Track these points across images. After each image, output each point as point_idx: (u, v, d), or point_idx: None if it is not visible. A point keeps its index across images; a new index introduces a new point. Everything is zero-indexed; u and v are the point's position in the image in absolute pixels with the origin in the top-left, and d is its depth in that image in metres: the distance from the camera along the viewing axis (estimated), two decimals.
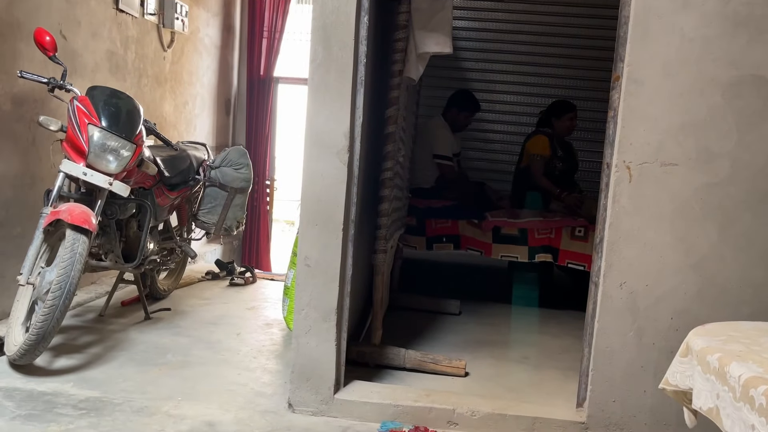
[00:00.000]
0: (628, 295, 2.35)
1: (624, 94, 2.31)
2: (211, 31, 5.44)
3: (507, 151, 5.33)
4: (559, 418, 2.43)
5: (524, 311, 4.10)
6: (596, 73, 5.05)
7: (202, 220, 3.81)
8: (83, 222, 2.63)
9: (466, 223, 4.05)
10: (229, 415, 2.45)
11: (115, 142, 2.83)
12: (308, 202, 2.49)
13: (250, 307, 3.99)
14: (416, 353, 2.95)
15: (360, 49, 2.43)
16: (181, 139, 4.56)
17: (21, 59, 3.20)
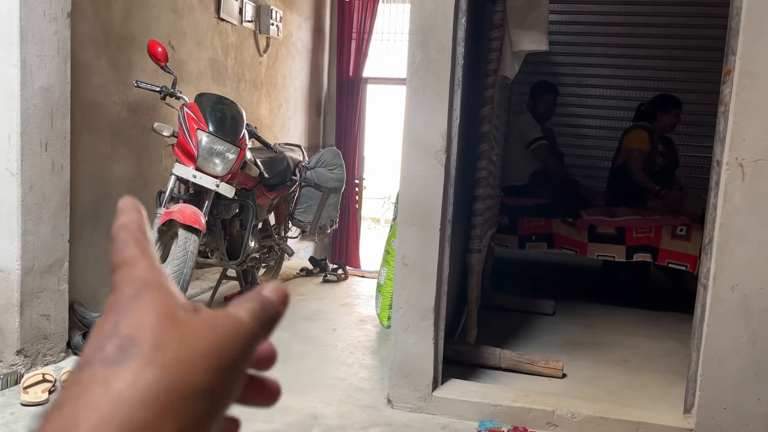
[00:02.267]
0: (740, 299, 2.25)
1: (736, 88, 2.21)
2: (303, 34, 5.60)
3: (599, 146, 5.19)
4: (665, 424, 2.36)
5: (621, 312, 3.98)
6: (696, 65, 4.84)
7: (298, 219, 3.95)
8: (194, 222, 2.80)
9: (560, 222, 3.98)
10: (330, 408, 2.53)
11: (221, 146, 2.99)
12: (406, 202, 2.54)
13: (343, 303, 4.10)
14: (512, 353, 2.94)
15: (457, 50, 2.45)
16: (276, 140, 4.73)
17: (135, 69, 3.43)
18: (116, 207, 0.35)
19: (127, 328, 0.29)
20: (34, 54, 2.59)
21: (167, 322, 0.29)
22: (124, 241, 0.32)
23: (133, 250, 0.32)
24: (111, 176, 3.36)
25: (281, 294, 0.33)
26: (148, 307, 0.29)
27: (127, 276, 0.31)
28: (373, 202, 9.07)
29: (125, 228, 0.33)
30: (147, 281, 0.31)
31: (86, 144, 3.15)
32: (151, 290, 0.30)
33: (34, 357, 2.72)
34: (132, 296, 0.30)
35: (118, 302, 0.30)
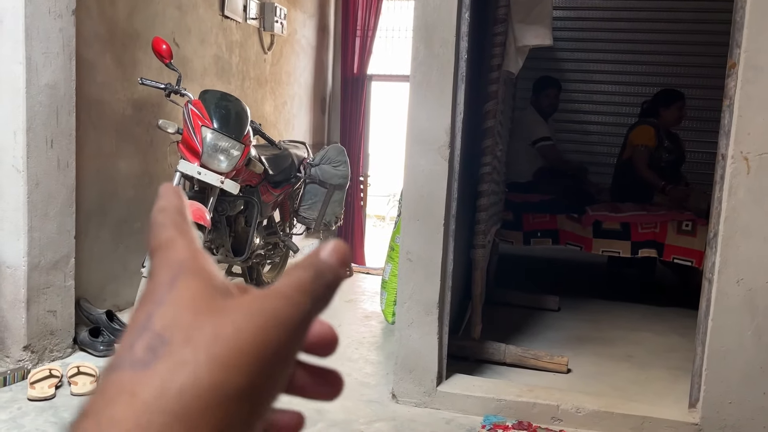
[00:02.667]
0: (746, 293, 2.24)
1: (741, 81, 2.20)
2: (307, 32, 5.61)
3: (604, 143, 5.17)
4: (670, 419, 2.36)
5: (626, 308, 3.98)
6: (701, 59, 4.81)
7: (303, 216, 3.95)
8: (199, 218, 2.81)
9: (565, 218, 3.97)
10: (335, 403, 2.54)
11: (225, 142, 2.99)
12: (410, 197, 2.54)
13: (348, 299, 4.10)
14: (517, 348, 2.94)
15: (461, 45, 2.45)
16: (280, 137, 4.74)
17: (140, 66, 3.44)
18: (124, 202, 0.35)
19: (159, 322, 0.26)
20: (40, 51, 2.60)
21: (203, 313, 0.26)
22: (162, 224, 0.30)
23: (171, 232, 0.30)
24: (116, 173, 3.38)
25: (341, 254, 0.29)
26: (183, 296, 0.27)
27: (164, 259, 0.29)
28: (378, 200, 9.07)
29: (164, 211, 0.31)
30: (184, 264, 0.28)
31: (91, 141, 3.16)
32: (187, 275, 0.28)
33: (41, 353, 2.74)
34: (167, 283, 0.27)
35: (154, 290, 0.28)
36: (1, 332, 2.69)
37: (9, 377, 2.58)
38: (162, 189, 0.33)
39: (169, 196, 0.32)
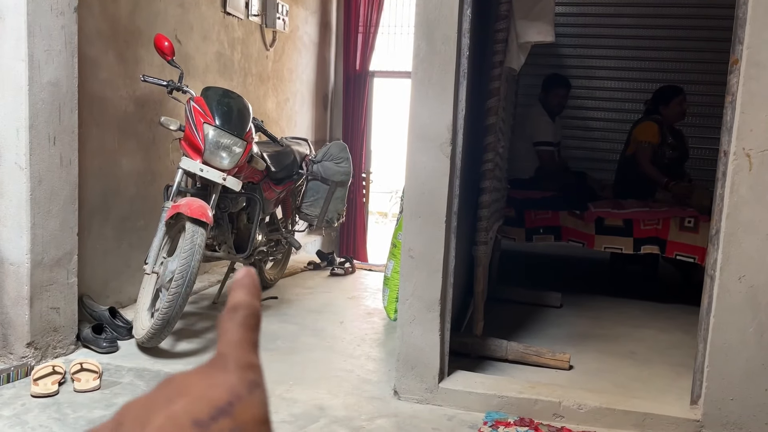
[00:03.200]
0: (747, 290, 2.24)
1: (743, 78, 2.20)
2: (309, 28, 5.61)
3: (607, 139, 5.16)
4: (672, 415, 2.36)
5: (628, 304, 3.98)
6: (704, 56, 4.80)
7: (305, 213, 3.96)
8: (201, 215, 2.81)
9: (567, 214, 3.97)
10: (337, 400, 2.55)
11: (227, 139, 3.00)
12: (411, 194, 2.54)
13: (350, 296, 4.11)
14: (519, 345, 2.95)
15: (463, 42, 2.45)
16: (283, 134, 4.74)
17: (142, 64, 3.45)
18: (126, 199, 0.34)
19: None
20: (42, 49, 2.61)
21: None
22: (225, 331, 0.30)
23: (229, 349, 0.29)
24: (119, 170, 3.39)
25: (249, 285, 0.32)
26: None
27: (201, 385, 0.28)
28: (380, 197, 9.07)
29: (235, 312, 0.31)
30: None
31: (94, 138, 3.17)
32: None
33: (44, 349, 2.75)
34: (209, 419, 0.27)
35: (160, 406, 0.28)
36: (5, 329, 2.70)
37: (12, 374, 2.60)
38: (238, 278, 0.32)
39: (245, 294, 0.31)
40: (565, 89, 4.34)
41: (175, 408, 0.27)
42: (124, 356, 2.86)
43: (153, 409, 0.27)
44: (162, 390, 0.28)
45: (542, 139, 4.26)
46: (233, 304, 0.31)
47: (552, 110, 4.32)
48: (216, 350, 0.30)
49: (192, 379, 0.28)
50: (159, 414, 0.27)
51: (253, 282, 0.32)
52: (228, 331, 0.30)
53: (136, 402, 0.28)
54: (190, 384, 0.28)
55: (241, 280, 0.32)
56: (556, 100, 4.31)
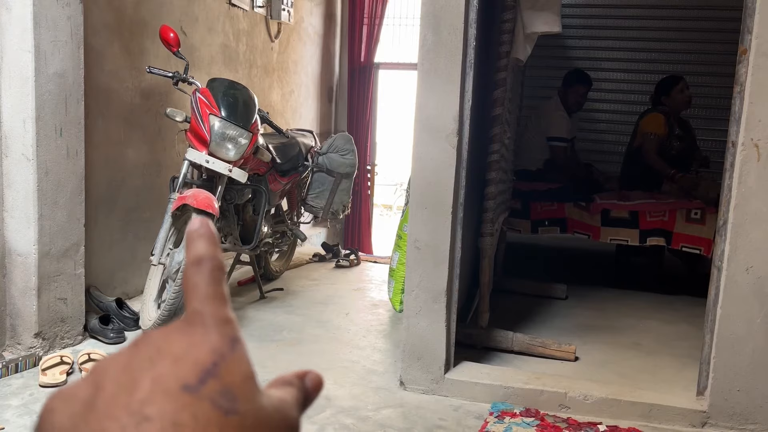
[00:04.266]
0: (755, 281, 2.24)
1: (752, 68, 2.18)
2: (314, 20, 5.59)
3: (613, 131, 5.14)
4: (678, 406, 2.36)
5: (634, 296, 3.97)
6: (712, 46, 4.77)
7: (310, 205, 3.96)
8: (207, 206, 2.81)
9: (572, 206, 3.96)
10: (343, 390, 2.56)
11: (233, 131, 3.00)
12: (418, 185, 2.54)
13: (356, 288, 4.12)
14: (524, 336, 2.95)
15: (469, 32, 2.44)
16: (288, 126, 4.74)
17: (147, 55, 3.44)
18: (133, 191, 0.33)
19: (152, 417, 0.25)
20: (48, 40, 2.61)
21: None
22: (194, 286, 0.29)
23: (200, 305, 0.29)
24: (125, 161, 3.39)
25: (320, 385, 0.32)
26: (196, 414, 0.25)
27: (180, 342, 0.27)
28: (385, 189, 9.06)
29: (199, 266, 0.30)
30: (212, 365, 0.27)
31: (100, 130, 3.17)
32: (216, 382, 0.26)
33: (52, 340, 2.77)
34: (194, 384, 0.26)
35: (138, 372, 0.26)
36: (13, 319, 2.72)
37: (21, 364, 2.61)
38: (194, 229, 0.31)
39: (205, 244, 0.30)
40: (585, 87, 4.24)
41: (160, 370, 0.26)
42: None
43: (136, 371, 0.26)
44: (140, 349, 0.27)
45: (556, 135, 4.20)
46: (196, 257, 0.30)
47: (569, 107, 4.25)
48: (187, 307, 0.29)
49: (171, 337, 0.27)
50: (144, 378, 0.26)
51: (209, 231, 0.31)
52: (197, 285, 0.29)
53: (113, 361, 0.27)
54: (170, 343, 0.27)
55: (198, 230, 0.30)
56: (575, 97, 4.22)
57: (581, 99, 4.26)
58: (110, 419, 0.25)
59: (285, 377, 0.31)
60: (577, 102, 4.25)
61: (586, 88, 4.25)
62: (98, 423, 0.25)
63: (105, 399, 0.26)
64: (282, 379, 0.31)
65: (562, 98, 4.22)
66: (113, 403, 0.25)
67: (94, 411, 0.26)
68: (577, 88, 4.21)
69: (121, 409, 0.25)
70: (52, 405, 0.27)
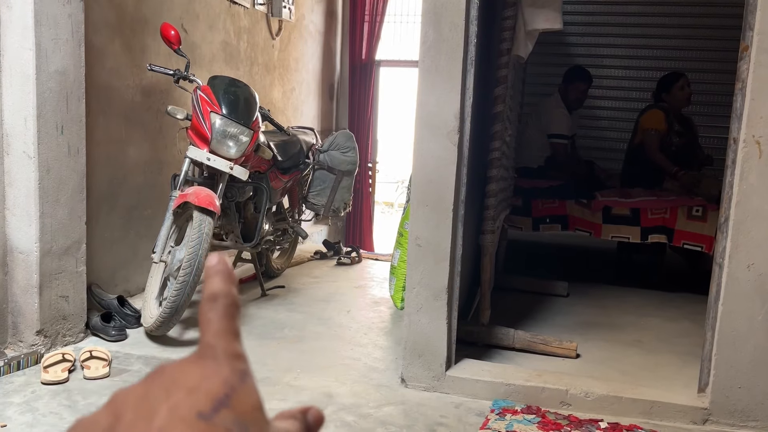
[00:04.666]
0: (756, 277, 2.23)
1: (754, 64, 2.18)
2: (315, 17, 5.58)
3: (614, 128, 5.14)
4: (679, 403, 2.36)
5: (635, 294, 3.97)
6: (713, 43, 4.76)
7: (311, 202, 3.96)
8: (209, 204, 2.82)
9: (574, 203, 3.95)
10: (345, 387, 2.56)
11: (234, 128, 2.99)
12: (419, 182, 2.54)
13: (357, 285, 4.12)
14: (525, 334, 2.95)
15: (470, 29, 2.43)
16: (289, 124, 4.73)
17: (148, 53, 3.44)
18: (134, 188, 0.34)
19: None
20: (49, 38, 2.61)
21: None
22: (208, 321, 0.31)
23: (214, 339, 0.30)
24: (126, 159, 3.39)
25: (321, 421, 0.34)
26: None
27: (188, 373, 0.29)
28: (386, 187, 9.06)
29: (214, 302, 0.31)
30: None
31: (101, 127, 3.17)
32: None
33: (54, 337, 2.77)
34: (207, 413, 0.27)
35: (150, 400, 0.28)
36: (15, 317, 2.72)
37: (23, 361, 2.62)
38: (211, 265, 0.32)
39: (221, 281, 0.32)
40: (585, 84, 4.22)
41: (176, 400, 0.27)
42: (132, 344, 2.88)
43: (152, 401, 0.28)
44: (156, 381, 0.29)
45: (557, 132, 4.19)
46: (211, 293, 0.31)
47: (570, 104, 4.23)
48: (201, 341, 0.30)
49: (185, 369, 0.29)
50: (161, 407, 0.27)
51: (226, 268, 0.32)
52: (211, 321, 0.31)
53: (130, 392, 0.29)
54: (185, 375, 0.29)
55: (214, 267, 0.32)
56: (575, 94, 4.20)
57: (582, 96, 4.25)
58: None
59: (289, 411, 0.33)
60: (577, 99, 4.23)
61: (586, 85, 4.24)
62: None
63: (124, 426, 0.27)
64: (286, 413, 0.33)
65: (563, 95, 4.21)
66: (132, 430, 0.27)
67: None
68: (577, 85, 4.19)
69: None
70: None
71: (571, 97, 4.20)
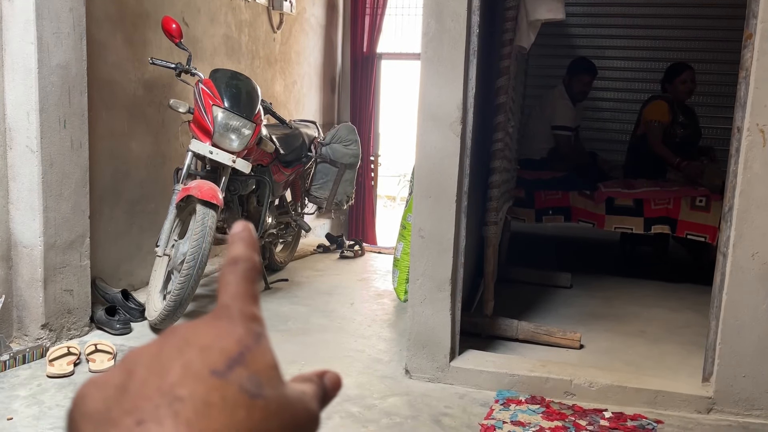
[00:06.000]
0: (760, 266, 2.23)
1: (758, 52, 2.17)
2: (316, 10, 5.57)
3: (617, 119, 5.12)
4: (684, 393, 2.36)
5: (639, 284, 3.97)
6: (717, 32, 4.74)
7: (314, 195, 3.96)
8: (212, 197, 2.82)
9: (577, 195, 3.95)
10: (349, 379, 2.56)
11: (236, 121, 2.99)
12: (422, 174, 2.54)
13: (360, 278, 4.12)
14: (529, 324, 2.95)
15: (472, 19, 2.43)
16: (291, 117, 4.73)
17: (150, 47, 3.44)
18: (137, 182, 0.34)
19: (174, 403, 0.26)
20: (50, 31, 2.61)
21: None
22: (227, 284, 0.31)
23: (231, 301, 0.30)
24: (129, 153, 3.40)
25: (338, 384, 0.34)
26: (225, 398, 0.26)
27: (208, 333, 0.29)
28: (388, 180, 9.06)
29: (235, 265, 0.31)
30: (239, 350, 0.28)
31: (104, 121, 3.17)
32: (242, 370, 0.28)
33: (59, 331, 2.78)
34: (222, 369, 0.27)
35: (164, 360, 0.28)
36: (20, 311, 2.73)
37: (28, 355, 2.63)
38: (236, 232, 0.33)
39: (243, 247, 0.32)
40: (590, 76, 4.18)
41: (190, 357, 0.27)
42: (137, 338, 2.89)
43: (165, 359, 0.27)
44: (169, 340, 0.28)
45: (561, 123, 4.17)
46: (233, 257, 0.32)
47: (574, 95, 4.21)
48: (219, 302, 0.30)
49: (199, 329, 0.29)
50: (174, 364, 0.27)
51: (250, 235, 0.33)
52: (230, 283, 0.31)
53: (143, 351, 0.29)
54: (199, 334, 0.28)
55: (239, 234, 0.33)
56: (579, 86, 4.17)
57: (586, 88, 4.23)
58: (144, 399, 0.26)
59: (305, 375, 0.33)
60: (581, 91, 4.21)
61: (591, 77, 4.22)
62: (132, 403, 0.26)
63: (137, 383, 0.27)
64: (302, 376, 0.33)
65: (567, 87, 4.19)
66: (145, 386, 0.27)
67: (127, 394, 0.27)
68: (581, 77, 4.17)
69: (153, 391, 0.26)
70: (84, 391, 0.28)
71: (575, 89, 4.17)
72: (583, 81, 4.18)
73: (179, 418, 0.25)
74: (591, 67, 4.20)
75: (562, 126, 4.16)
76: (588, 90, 4.27)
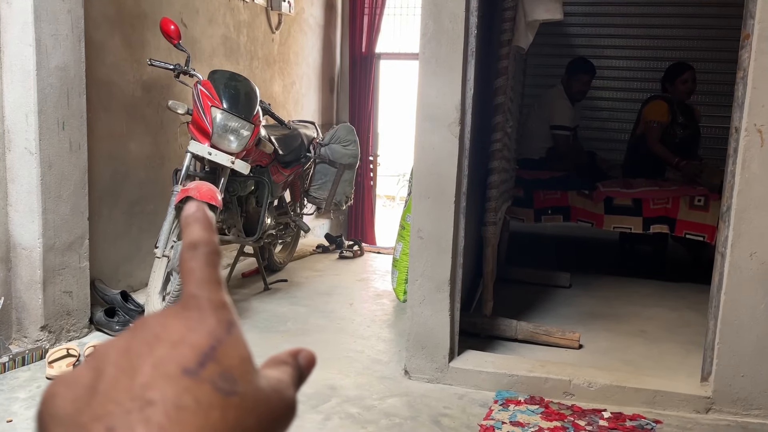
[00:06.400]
0: (759, 266, 2.23)
1: (755, 53, 2.17)
2: (314, 10, 5.57)
3: (616, 119, 5.13)
4: (683, 392, 2.36)
5: (638, 284, 3.97)
6: (714, 32, 4.74)
7: (313, 196, 3.96)
8: (210, 198, 2.82)
9: (576, 194, 3.95)
10: (348, 380, 2.57)
11: (235, 122, 2.99)
12: (420, 174, 2.54)
13: (360, 278, 4.12)
14: (528, 324, 2.95)
15: (471, 20, 2.43)
16: (290, 118, 4.73)
17: (148, 48, 3.44)
18: (136, 184, 0.33)
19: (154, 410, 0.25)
20: (49, 33, 2.61)
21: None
22: (190, 271, 0.29)
23: (197, 290, 0.29)
24: (128, 155, 3.40)
25: (313, 362, 0.33)
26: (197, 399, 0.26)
27: (175, 326, 0.28)
28: (387, 180, 9.06)
29: (195, 250, 0.30)
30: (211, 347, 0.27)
31: (102, 123, 3.17)
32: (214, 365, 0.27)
33: (58, 332, 2.78)
34: (193, 367, 0.26)
35: (137, 356, 0.27)
36: (19, 313, 2.73)
37: (27, 357, 2.63)
38: (188, 214, 0.31)
39: (201, 229, 0.30)
40: (588, 76, 4.19)
41: (160, 355, 0.26)
42: None
43: (135, 356, 0.27)
44: (138, 334, 0.27)
45: (559, 123, 4.17)
46: (191, 242, 0.30)
47: (572, 95, 4.20)
48: (184, 291, 0.29)
49: (168, 322, 0.28)
50: (144, 362, 0.26)
51: (205, 215, 0.31)
52: (193, 270, 0.29)
53: (111, 347, 0.28)
54: (168, 328, 0.27)
55: (194, 215, 0.31)
56: (578, 86, 4.17)
57: (585, 88, 4.23)
58: (113, 403, 0.25)
59: (279, 356, 0.32)
60: (580, 91, 4.21)
61: (589, 77, 4.22)
62: (101, 407, 0.25)
63: (107, 383, 0.26)
64: (276, 359, 0.32)
65: (566, 87, 4.19)
66: (115, 387, 0.26)
67: (97, 395, 0.26)
68: (580, 76, 4.17)
69: (123, 394, 0.26)
70: (53, 390, 0.27)
71: (574, 88, 4.18)
72: (582, 81, 4.18)
73: (151, 424, 0.25)
74: (590, 67, 4.21)
75: (560, 126, 4.16)
76: (587, 90, 4.27)
